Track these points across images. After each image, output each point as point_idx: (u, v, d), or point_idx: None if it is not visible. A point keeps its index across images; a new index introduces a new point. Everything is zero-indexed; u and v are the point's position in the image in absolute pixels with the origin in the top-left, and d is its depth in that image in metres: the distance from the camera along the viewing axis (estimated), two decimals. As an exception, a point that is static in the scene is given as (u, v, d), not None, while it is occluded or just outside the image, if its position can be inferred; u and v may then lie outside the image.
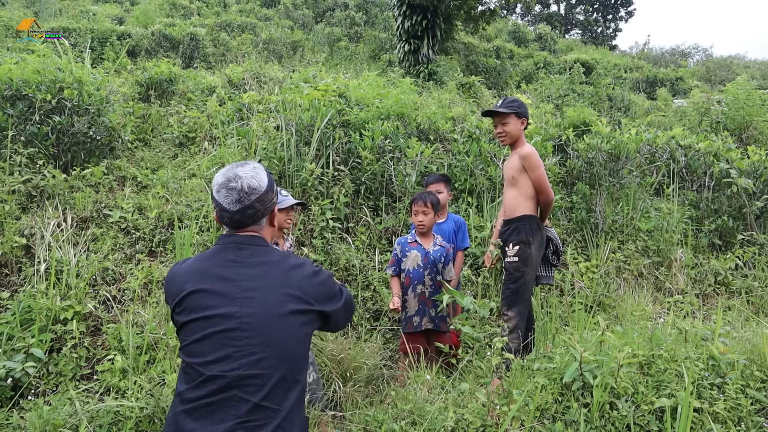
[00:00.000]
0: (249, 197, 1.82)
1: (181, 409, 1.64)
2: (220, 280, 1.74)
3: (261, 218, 1.88)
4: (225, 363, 1.63)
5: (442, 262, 3.92)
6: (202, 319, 1.69)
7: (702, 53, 33.65)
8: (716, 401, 2.57)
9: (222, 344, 1.65)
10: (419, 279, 3.85)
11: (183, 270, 1.81)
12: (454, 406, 2.78)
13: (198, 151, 6.39)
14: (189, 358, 1.68)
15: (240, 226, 1.86)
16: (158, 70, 7.59)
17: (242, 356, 1.64)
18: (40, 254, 4.20)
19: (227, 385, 1.62)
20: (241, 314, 1.68)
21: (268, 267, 1.79)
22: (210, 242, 4.68)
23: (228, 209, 1.82)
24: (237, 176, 1.83)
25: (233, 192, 1.81)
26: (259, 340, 1.67)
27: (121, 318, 3.95)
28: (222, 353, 1.65)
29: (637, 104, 12.93)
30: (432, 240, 3.98)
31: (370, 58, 16.24)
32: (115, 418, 3.01)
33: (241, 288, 1.73)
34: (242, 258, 1.79)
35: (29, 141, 4.96)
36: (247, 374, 1.63)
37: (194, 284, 1.74)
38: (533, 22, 36.87)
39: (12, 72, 5.09)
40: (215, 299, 1.71)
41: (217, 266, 1.78)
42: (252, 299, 1.71)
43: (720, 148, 6.78)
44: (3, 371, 3.26)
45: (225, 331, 1.66)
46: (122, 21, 16.40)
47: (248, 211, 1.83)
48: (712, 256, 6.05)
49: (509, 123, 3.74)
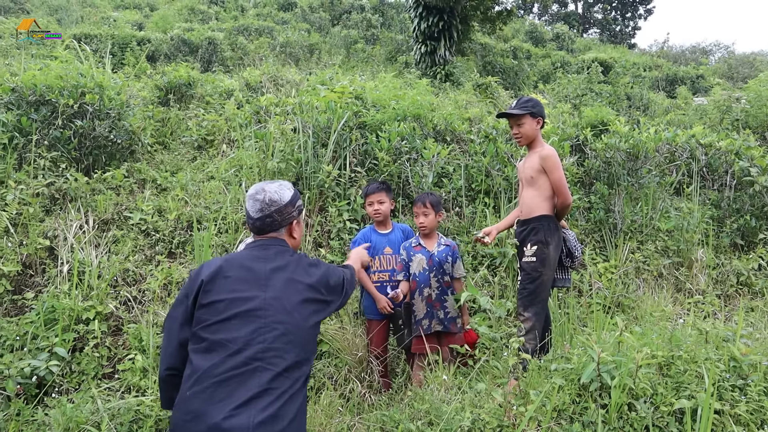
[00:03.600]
0: (269, 208, 2.20)
1: (210, 383, 1.80)
2: (246, 270, 2.04)
3: (279, 227, 2.24)
4: (252, 336, 1.88)
5: (449, 261, 3.90)
6: (228, 301, 1.94)
7: (724, 50, 33.02)
8: (738, 403, 2.53)
9: (248, 321, 1.91)
10: (425, 282, 3.84)
11: (216, 261, 2.09)
12: (470, 406, 2.77)
13: (216, 153, 6.47)
14: (214, 335, 1.89)
15: (260, 231, 2.23)
16: (177, 75, 7.70)
17: (267, 331, 1.90)
18: (63, 256, 4.29)
19: (254, 357, 1.85)
20: (264, 297, 1.97)
21: (288, 262, 2.13)
22: (228, 244, 4.74)
23: (252, 216, 2.22)
24: (263, 190, 2.23)
25: (257, 202, 2.21)
26: (281, 318, 1.94)
27: (142, 318, 4.02)
28: (249, 328, 1.90)
29: (656, 103, 12.76)
30: (436, 240, 3.97)
31: (386, 60, 16.25)
32: (135, 416, 3.07)
33: (265, 277, 2.03)
34: (266, 255, 2.13)
35: (52, 145, 5.07)
36: (271, 347, 1.88)
37: (224, 271, 2.02)
38: (551, 22, 36.56)
39: (36, 78, 5.21)
40: (241, 284, 2.00)
41: (246, 259, 2.10)
42: (273, 287, 2.01)
43: (741, 146, 6.67)
44: (28, 369, 3.34)
45: (251, 311, 1.93)
46: (142, 27, 16.64)
47: (267, 219, 2.20)
48: (734, 256, 5.95)
49: (524, 124, 3.71)
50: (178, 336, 2.00)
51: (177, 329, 2.01)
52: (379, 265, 4.00)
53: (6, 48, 10.82)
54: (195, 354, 1.90)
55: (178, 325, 2.01)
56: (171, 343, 2.01)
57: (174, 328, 2.02)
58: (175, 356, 2.00)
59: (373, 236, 4.06)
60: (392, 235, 4.12)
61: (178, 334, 2.00)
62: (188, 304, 2.00)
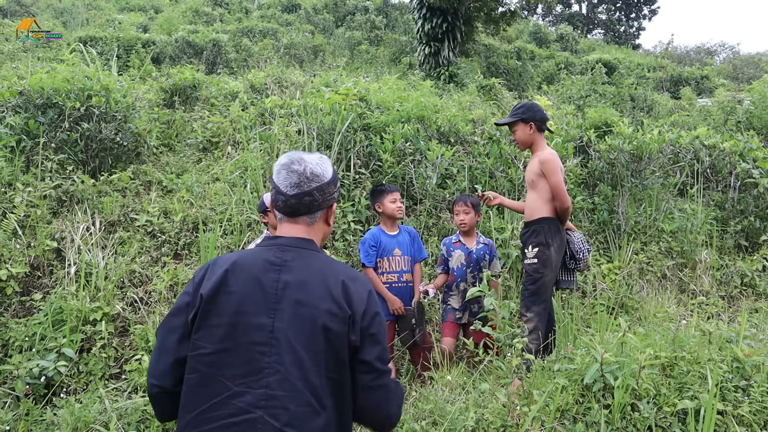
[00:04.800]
0: (309, 183, 1.67)
1: (204, 429, 1.48)
2: (255, 284, 1.57)
3: (317, 210, 1.71)
4: (253, 378, 1.49)
5: (487, 259, 4.16)
6: (229, 327, 1.54)
7: (729, 51, 32.96)
8: (741, 404, 2.55)
9: (251, 358, 1.51)
10: (462, 277, 4.11)
11: (221, 264, 1.63)
12: (474, 406, 2.79)
13: (221, 155, 6.50)
14: (210, 368, 1.52)
15: (293, 213, 1.69)
16: (182, 77, 7.74)
17: (270, 374, 1.49)
18: (70, 257, 4.33)
19: (254, 404, 1.47)
20: (273, 328, 1.53)
21: (310, 275, 1.61)
22: (234, 245, 4.77)
23: (284, 192, 1.67)
24: (302, 159, 1.68)
25: (293, 175, 1.66)
26: (288, 358, 1.50)
27: (148, 319, 4.05)
28: (251, 367, 1.50)
29: (660, 104, 12.75)
30: (475, 239, 4.22)
31: (390, 61, 16.29)
32: (142, 416, 3.10)
33: (276, 297, 1.56)
34: (283, 261, 1.62)
35: (59, 147, 5.12)
36: (273, 394, 1.48)
37: (228, 285, 1.58)
38: (554, 23, 36.55)
39: (43, 81, 5.26)
40: (248, 305, 1.55)
41: (256, 268, 1.60)
42: (283, 311, 1.54)
43: (744, 148, 6.67)
44: (37, 370, 3.38)
45: (255, 344, 1.52)
46: (147, 29, 16.71)
47: (305, 198, 1.67)
48: (738, 258, 5.95)
49: (517, 130, 3.84)
50: (176, 352, 1.59)
51: (174, 344, 1.59)
52: (389, 266, 4.06)
53: (13, 51, 10.90)
54: (188, 386, 1.54)
55: (176, 339, 1.59)
56: (165, 359, 1.60)
57: (171, 340, 1.60)
58: (167, 375, 1.59)
59: (383, 237, 4.11)
60: (400, 236, 4.18)
61: (176, 349, 1.59)
62: (188, 317, 1.59)
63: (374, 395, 1.59)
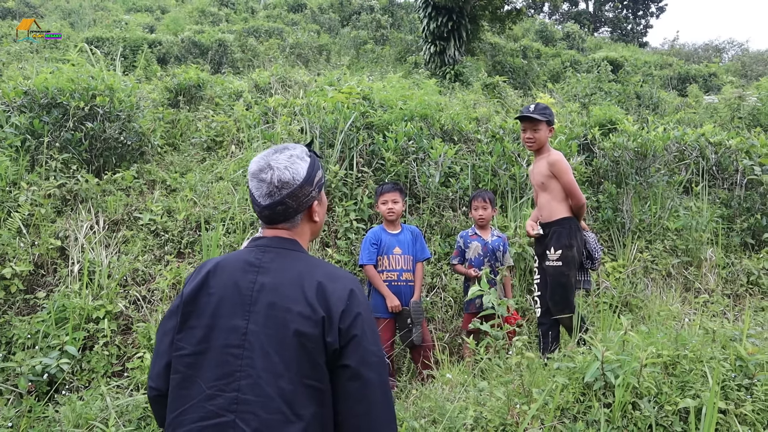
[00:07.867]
0: (280, 192, 1.60)
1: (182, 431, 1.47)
2: (233, 286, 1.55)
3: (294, 215, 1.65)
4: (225, 381, 1.46)
5: (501, 250, 4.43)
6: (205, 329, 1.52)
7: (737, 48, 32.68)
8: (744, 403, 2.52)
9: (224, 360, 1.48)
10: (479, 266, 4.31)
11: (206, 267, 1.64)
12: (474, 404, 2.78)
13: (225, 154, 6.52)
14: (189, 369, 1.51)
15: (270, 222, 1.66)
16: (187, 76, 7.76)
17: (242, 377, 1.46)
18: (74, 256, 4.35)
19: (226, 408, 1.44)
20: (246, 330, 1.49)
21: (288, 276, 1.56)
22: (236, 244, 4.78)
23: (258, 202, 1.63)
24: (269, 167, 1.60)
25: (263, 185, 1.60)
26: (260, 362, 1.46)
27: (151, 317, 4.07)
28: (224, 370, 1.47)
29: (666, 101, 12.66)
30: (490, 231, 4.51)
31: (396, 60, 16.26)
32: (144, 414, 3.11)
33: (251, 299, 1.52)
34: (262, 263, 1.58)
35: (64, 147, 5.15)
36: (244, 398, 1.44)
37: (208, 286, 1.57)
38: (561, 21, 36.37)
39: (48, 81, 5.29)
40: (225, 307, 1.53)
41: (236, 270, 1.58)
42: (258, 314, 1.50)
43: (749, 145, 6.62)
44: (40, 367, 3.40)
45: (228, 347, 1.49)
46: (153, 29, 16.78)
47: (278, 208, 1.61)
48: (745, 256, 5.90)
49: (540, 130, 3.84)
50: (168, 354, 1.59)
51: (166, 346, 1.60)
52: (388, 264, 4.08)
53: (20, 51, 10.97)
54: (171, 387, 1.54)
55: (168, 342, 1.60)
56: (159, 362, 1.61)
57: (164, 343, 1.61)
58: (162, 378, 1.59)
59: (384, 236, 4.15)
60: (401, 235, 4.20)
61: (168, 352, 1.59)
62: (178, 320, 1.58)
63: (358, 407, 1.48)
